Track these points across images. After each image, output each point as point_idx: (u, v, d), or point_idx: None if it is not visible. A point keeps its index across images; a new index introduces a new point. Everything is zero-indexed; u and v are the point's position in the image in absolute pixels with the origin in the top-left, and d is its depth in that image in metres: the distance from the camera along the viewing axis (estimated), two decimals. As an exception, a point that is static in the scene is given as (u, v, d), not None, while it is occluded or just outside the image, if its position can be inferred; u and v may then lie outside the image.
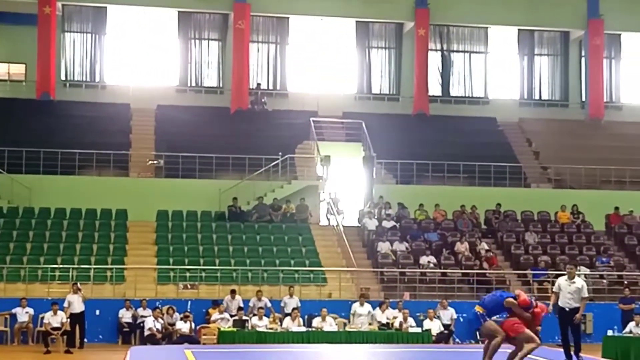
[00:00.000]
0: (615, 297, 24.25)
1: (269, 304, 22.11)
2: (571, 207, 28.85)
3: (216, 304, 22.17)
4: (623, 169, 30.43)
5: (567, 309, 14.52)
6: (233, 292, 22.34)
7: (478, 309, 13.30)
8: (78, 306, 20.50)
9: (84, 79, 32.42)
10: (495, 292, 14.10)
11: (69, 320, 20.31)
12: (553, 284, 20.95)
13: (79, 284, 20.94)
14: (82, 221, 26.36)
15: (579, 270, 25.32)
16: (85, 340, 21.03)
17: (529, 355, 13.14)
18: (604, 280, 25.38)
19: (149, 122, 31.26)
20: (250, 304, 22.11)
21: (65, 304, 20.47)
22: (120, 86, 32.25)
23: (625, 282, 25.02)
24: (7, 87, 31.98)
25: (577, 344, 14.80)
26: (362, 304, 21.88)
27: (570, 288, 14.51)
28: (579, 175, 30.46)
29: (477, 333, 14.64)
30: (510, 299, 13.09)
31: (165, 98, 31.98)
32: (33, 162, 27.43)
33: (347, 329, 20.97)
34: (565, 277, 14.80)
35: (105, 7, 32.40)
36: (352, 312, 21.85)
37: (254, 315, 21.28)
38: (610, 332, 21.22)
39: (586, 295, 14.79)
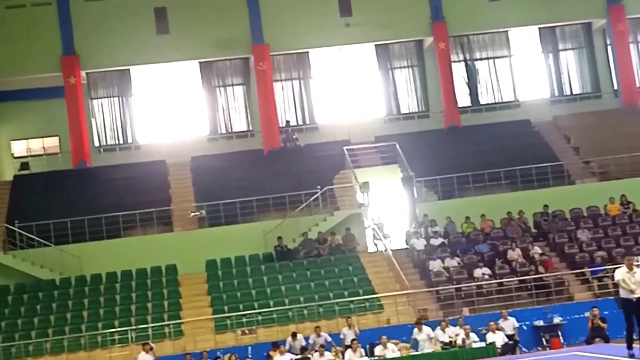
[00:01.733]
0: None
1: (329, 339, 21.96)
2: (620, 198, 28.32)
3: (276, 345, 22.08)
4: (667, 151, 29.86)
5: (633, 300, 14.30)
6: (294, 334, 22.23)
7: None
8: None
9: (117, 142, 32.87)
10: None
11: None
12: (613, 279, 20.57)
13: (151, 343, 21.03)
14: (134, 282, 26.55)
15: (638, 261, 24.81)
16: (153, 399, 21.10)
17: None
18: (665, 268, 24.73)
19: (185, 175, 31.51)
20: (310, 341, 22.01)
21: None
22: (153, 144, 32.65)
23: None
24: (44, 161, 32.54)
25: None
26: (420, 330, 21.53)
27: (635, 279, 14.32)
28: (623, 165, 29.89)
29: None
30: None
31: (198, 149, 32.26)
32: (79, 231, 27.78)
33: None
34: (625, 269, 14.55)
35: (129, 69, 32.88)
36: (412, 339, 21.54)
37: (316, 351, 21.13)
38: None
39: None
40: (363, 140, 31.90)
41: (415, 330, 21.57)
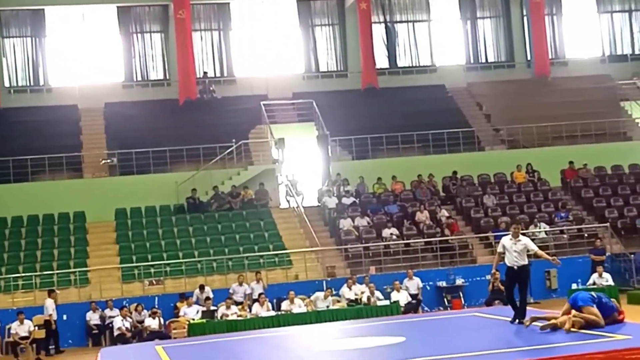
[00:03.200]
0: (577, 251, 24.74)
1: (249, 290, 22.19)
2: (526, 166, 29.22)
3: (184, 297, 22.15)
4: (573, 123, 30.82)
5: (515, 267, 14.53)
6: (202, 286, 22.32)
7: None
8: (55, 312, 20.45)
9: (29, 84, 31.85)
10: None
11: (42, 327, 20.22)
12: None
13: (56, 290, 20.79)
14: (40, 227, 26.10)
15: (539, 227, 25.77)
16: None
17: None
18: (565, 235, 25.76)
19: (98, 121, 30.92)
20: (231, 291, 22.21)
21: (50, 310, 20.28)
22: (66, 87, 31.77)
23: (586, 235, 25.54)
24: (-51, 100, 31.36)
25: (522, 304, 14.52)
26: (325, 297, 21.62)
27: (516, 247, 14.47)
28: (531, 134, 30.80)
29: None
30: None
31: (113, 95, 31.60)
32: (-16, 173, 27.08)
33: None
34: (510, 236, 14.70)
35: (43, 9, 31.80)
36: (312, 298, 21.71)
37: (231, 300, 21.23)
38: (574, 286, 21.66)
39: (535, 248, 14.73)
40: (280, 96, 31.86)
41: (321, 295, 21.63)
